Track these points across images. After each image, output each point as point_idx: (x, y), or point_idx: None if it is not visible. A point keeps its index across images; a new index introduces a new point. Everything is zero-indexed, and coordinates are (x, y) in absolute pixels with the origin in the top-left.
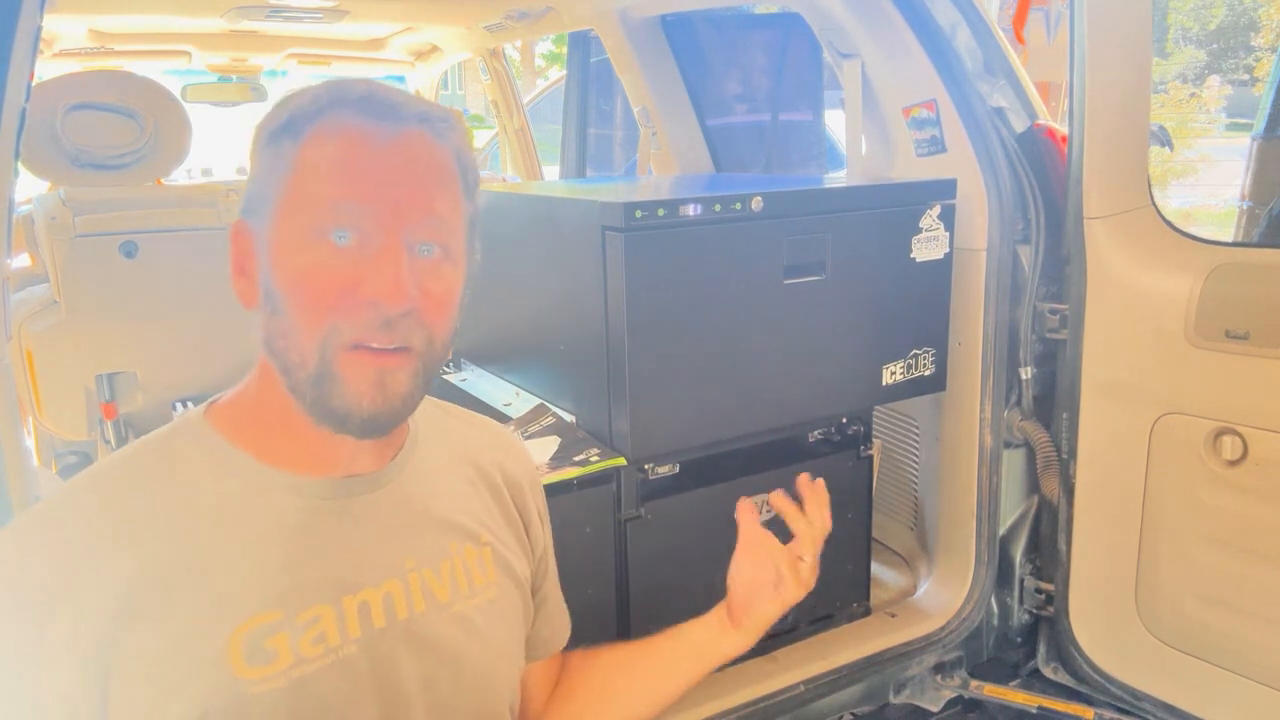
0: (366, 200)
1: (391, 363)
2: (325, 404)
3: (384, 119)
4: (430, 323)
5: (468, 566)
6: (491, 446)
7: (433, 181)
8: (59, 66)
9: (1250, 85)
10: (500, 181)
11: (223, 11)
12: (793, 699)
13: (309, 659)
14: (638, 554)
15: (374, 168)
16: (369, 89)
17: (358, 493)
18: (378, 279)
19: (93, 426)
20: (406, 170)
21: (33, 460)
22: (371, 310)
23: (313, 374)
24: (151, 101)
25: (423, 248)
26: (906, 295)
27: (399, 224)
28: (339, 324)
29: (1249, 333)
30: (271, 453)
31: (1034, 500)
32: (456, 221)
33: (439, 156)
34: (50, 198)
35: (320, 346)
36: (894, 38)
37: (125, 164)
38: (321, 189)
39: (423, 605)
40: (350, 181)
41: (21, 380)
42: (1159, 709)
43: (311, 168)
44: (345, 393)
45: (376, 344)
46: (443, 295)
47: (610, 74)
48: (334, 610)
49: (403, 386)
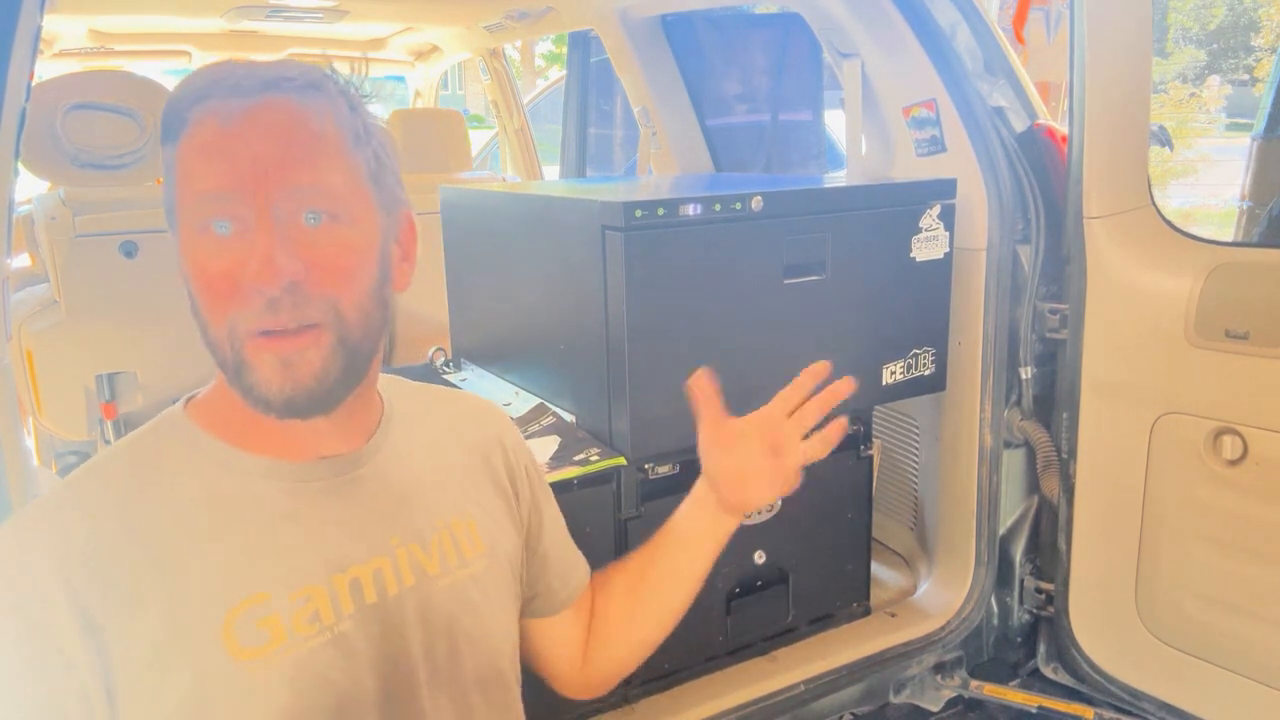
0: (231, 185)
1: (296, 344)
2: (248, 392)
3: (231, 96)
4: (330, 293)
5: (455, 538)
6: (472, 417)
7: (300, 147)
8: (59, 66)
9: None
10: (500, 181)
11: (223, 11)
12: (793, 699)
13: (304, 637)
14: None
15: (232, 149)
16: (217, 71)
17: (338, 473)
18: (249, 262)
19: (93, 426)
20: (265, 143)
21: (33, 460)
22: (254, 295)
23: (230, 366)
24: (151, 101)
25: (307, 216)
26: (906, 295)
27: (267, 200)
28: (234, 314)
29: (1249, 332)
30: (248, 441)
31: (1034, 500)
32: (346, 179)
33: (305, 119)
34: (50, 198)
35: (229, 338)
36: (894, 38)
37: (125, 164)
38: (196, 183)
39: (412, 579)
40: (215, 169)
41: (21, 380)
42: (1159, 709)
43: (187, 165)
44: (257, 380)
45: (270, 327)
46: (338, 261)
47: (610, 74)
48: (325, 589)
49: (313, 365)
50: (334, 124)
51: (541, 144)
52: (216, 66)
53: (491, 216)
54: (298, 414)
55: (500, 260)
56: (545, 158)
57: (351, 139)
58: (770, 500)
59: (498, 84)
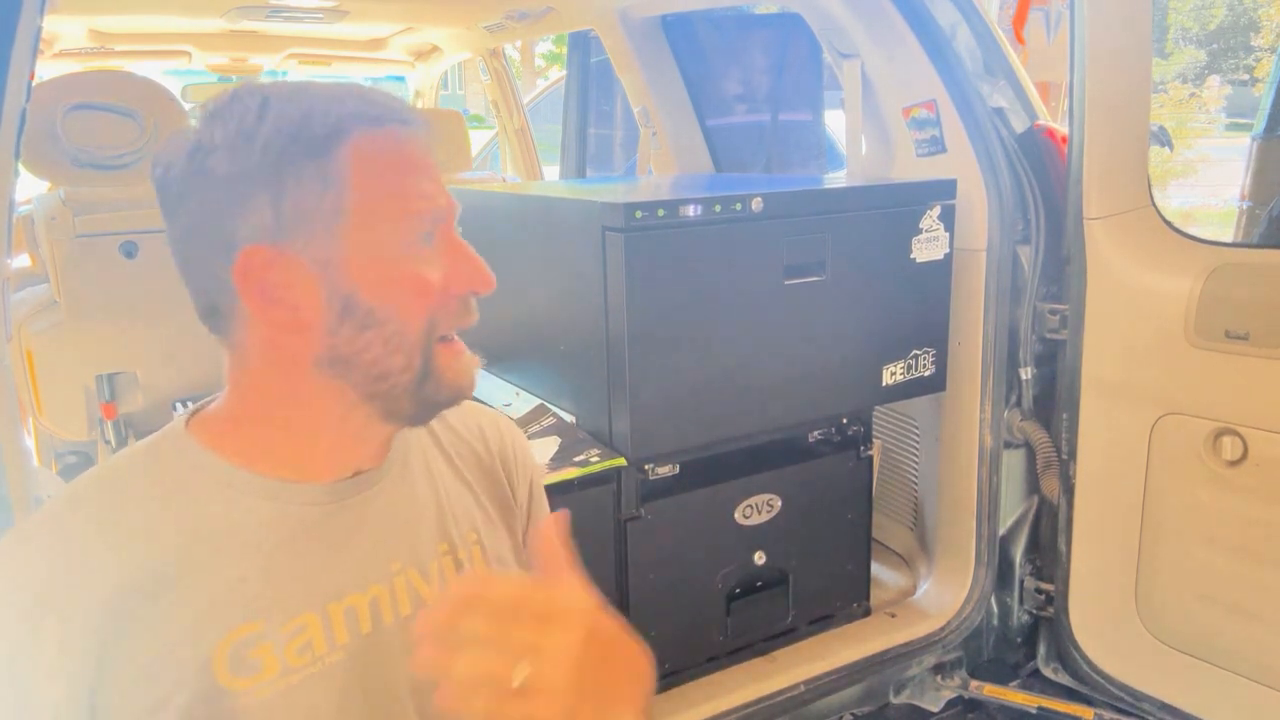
0: (432, 200)
1: (462, 344)
2: (429, 400)
3: (411, 121)
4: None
5: (458, 562)
6: (473, 425)
7: (440, 174)
8: (59, 66)
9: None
10: (500, 181)
11: (223, 11)
12: (793, 699)
13: (295, 669)
14: (638, 554)
15: (424, 170)
16: (380, 95)
17: (342, 496)
18: (469, 270)
19: (93, 426)
20: (436, 168)
21: (33, 460)
22: (462, 302)
23: (417, 374)
24: (151, 101)
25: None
26: (906, 296)
27: (453, 218)
28: (436, 318)
29: (1249, 333)
30: (257, 461)
31: (1034, 500)
32: None
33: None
34: (50, 198)
35: (422, 345)
36: (894, 38)
37: (125, 164)
38: (395, 196)
39: (409, 609)
40: (417, 185)
41: (21, 380)
42: (1159, 709)
43: (373, 177)
44: (447, 382)
45: (466, 325)
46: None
47: (610, 74)
48: (320, 618)
49: (474, 363)
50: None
51: (541, 144)
52: (360, 88)
53: (491, 217)
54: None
55: (500, 261)
56: (545, 158)
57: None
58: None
59: (498, 84)
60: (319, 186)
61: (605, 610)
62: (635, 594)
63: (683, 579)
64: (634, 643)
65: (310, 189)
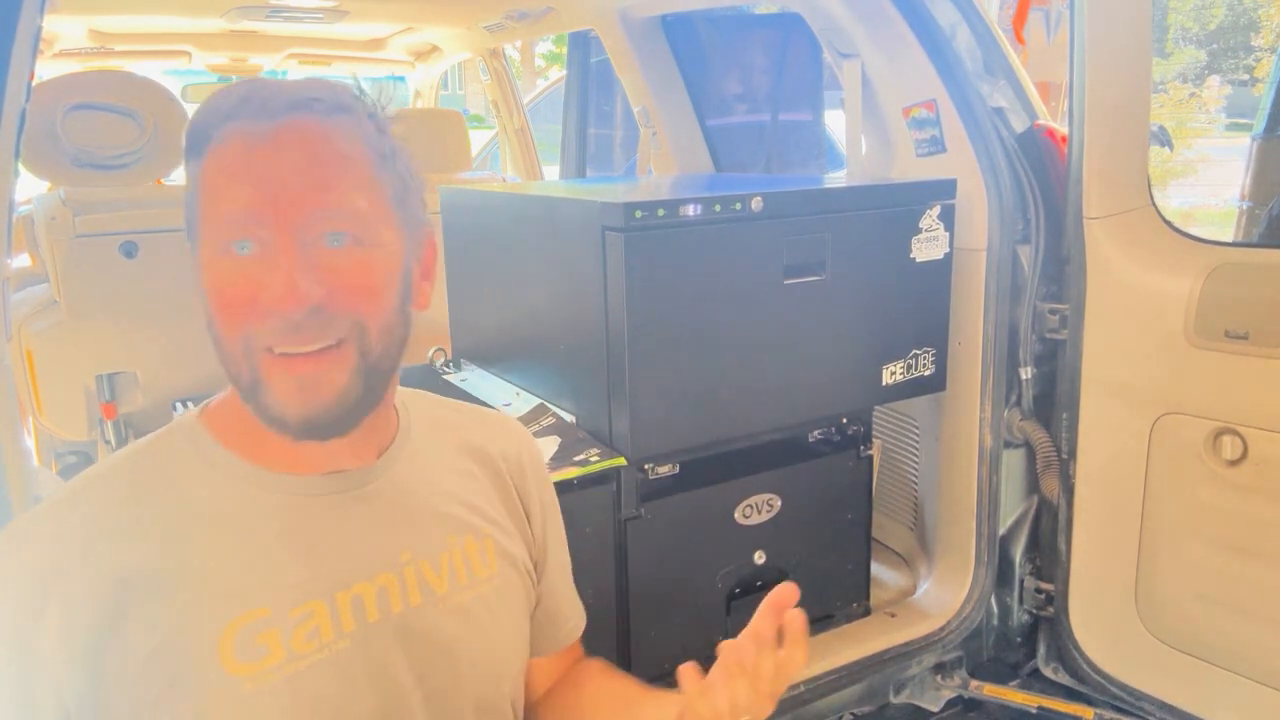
0: (255, 206)
1: (317, 365)
2: (263, 411)
3: (259, 117)
4: (356, 312)
5: (467, 557)
6: (494, 433)
7: (325, 168)
8: (59, 66)
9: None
10: (500, 181)
11: (223, 11)
12: (793, 699)
13: (302, 655)
14: (638, 554)
15: (257, 170)
16: (246, 90)
17: (348, 488)
18: (270, 285)
19: (93, 426)
20: (290, 163)
21: (33, 460)
22: (274, 318)
23: (246, 384)
24: (151, 101)
25: (330, 238)
26: (906, 295)
27: (291, 222)
28: (250, 330)
29: (1249, 333)
30: (260, 453)
31: (1034, 500)
32: (371, 201)
33: (331, 140)
34: (50, 198)
35: (245, 356)
36: (894, 38)
37: (125, 164)
38: (219, 203)
39: (418, 599)
40: (238, 190)
41: (21, 380)
42: (1159, 709)
43: (210, 183)
44: (273, 401)
45: (292, 349)
46: (361, 284)
47: (610, 74)
48: (327, 605)
49: (335, 385)
50: (361, 146)
51: (541, 144)
52: (246, 85)
53: (491, 217)
54: (315, 435)
55: (500, 261)
56: (545, 158)
57: (378, 160)
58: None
59: (498, 84)
60: (190, 191)
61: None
62: (635, 594)
63: (683, 579)
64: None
65: (188, 194)
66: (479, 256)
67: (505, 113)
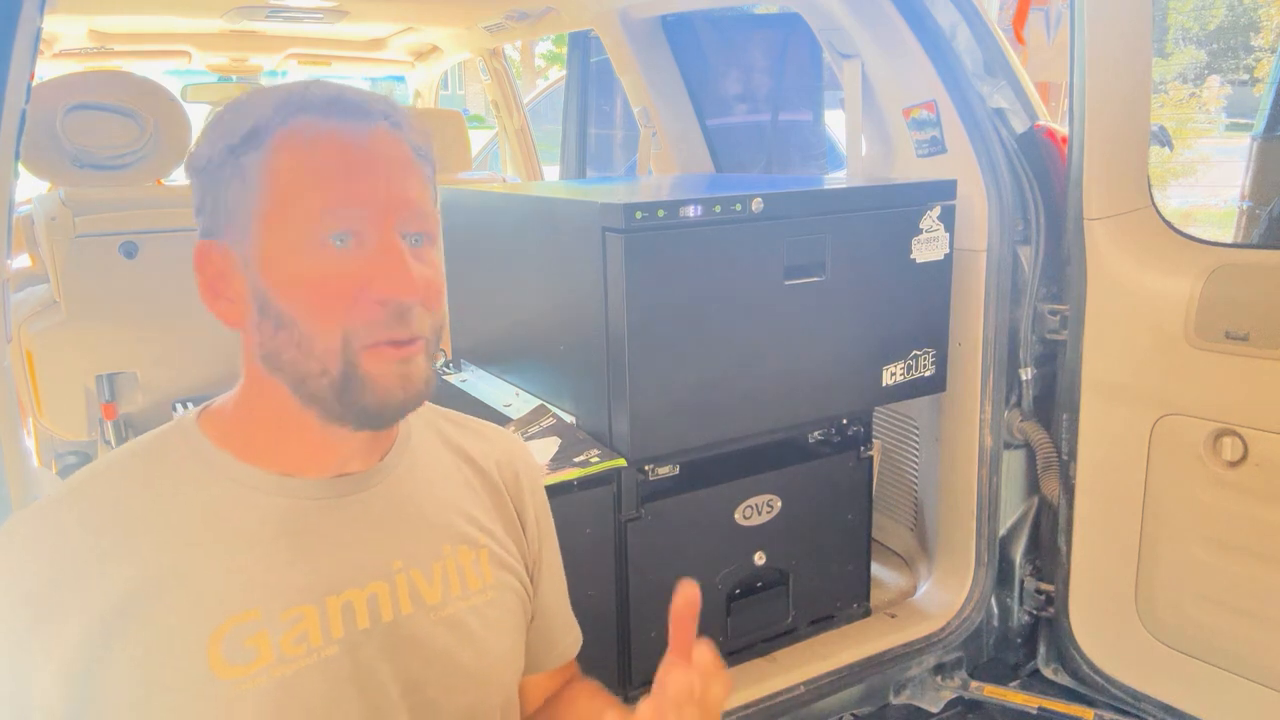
0: (357, 201)
1: (410, 351)
2: (356, 404)
3: (352, 118)
4: (434, 309)
5: (461, 568)
6: (491, 445)
7: (406, 173)
8: (59, 66)
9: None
10: (500, 181)
11: (223, 11)
12: (793, 700)
13: (290, 659)
14: (638, 554)
15: (355, 167)
16: (337, 91)
17: (345, 493)
18: (387, 277)
19: (93, 426)
20: (384, 166)
21: (33, 460)
22: (384, 308)
23: (337, 379)
24: (151, 101)
25: (413, 238)
26: (906, 296)
27: (390, 219)
28: (356, 326)
29: (1249, 333)
30: (260, 456)
31: (1034, 501)
32: (432, 208)
33: (405, 148)
34: (50, 198)
35: (342, 350)
36: (894, 38)
37: (125, 164)
38: (309, 195)
39: (409, 608)
40: (337, 184)
41: (21, 380)
42: (1159, 710)
43: (290, 176)
44: (375, 389)
45: (399, 337)
46: (438, 281)
47: (610, 74)
48: (317, 610)
49: (423, 371)
50: (418, 156)
51: (541, 144)
52: (319, 85)
53: (491, 217)
54: (388, 424)
55: (500, 261)
56: (545, 158)
57: (429, 169)
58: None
59: (498, 84)
60: (240, 186)
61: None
62: (635, 594)
63: (683, 579)
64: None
65: (235, 188)
66: (479, 257)
67: (505, 113)
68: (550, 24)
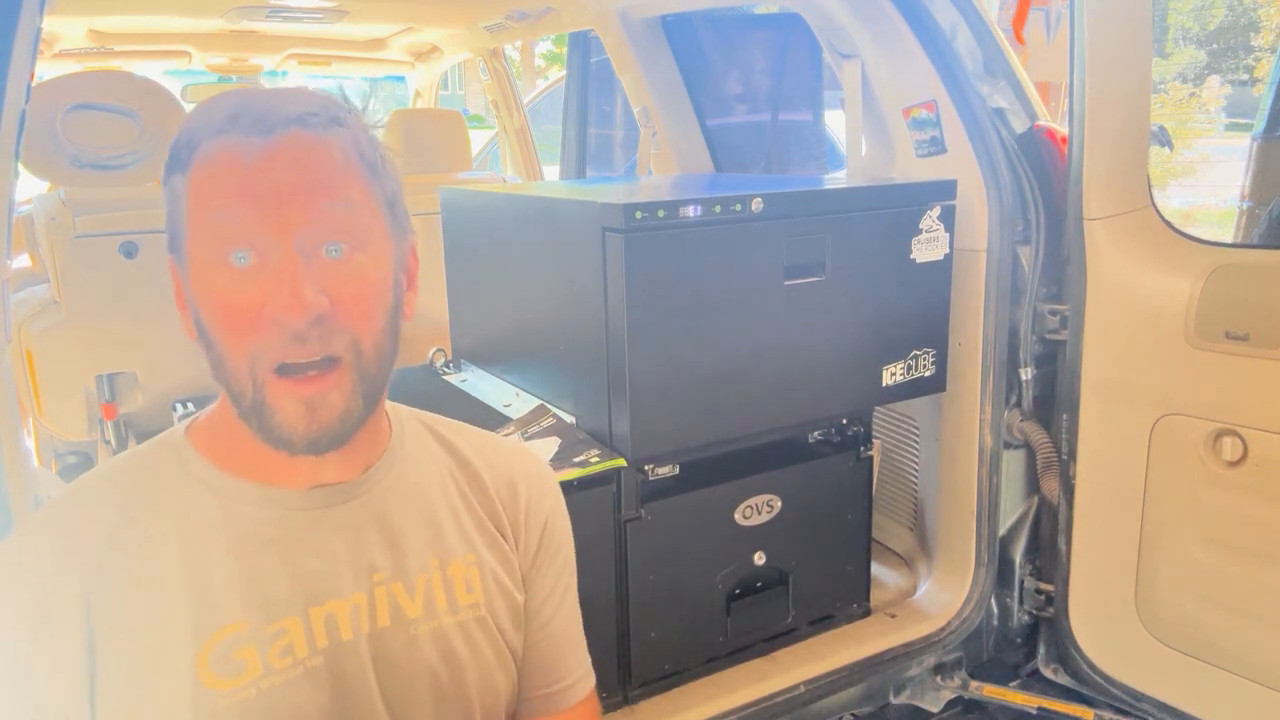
0: (253, 217)
1: (320, 386)
2: (268, 431)
3: (253, 131)
4: (351, 326)
5: (448, 582)
6: (489, 455)
7: (322, 179)
8: (59, 66)
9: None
10: (500, 181)
11: (223, 11)
12: (793, 700)
13: (277, 670)
14: (638, 554)
15: (254, 182)
16: (237, 103)
17: (329, 503)
18: (275, 295)
19: (93, 426)
20: (288, 176)
21: (33, 460)
22: (278, 328)
23: (250, 403)
24: (151, 101)
25: (328, 249)
26: (906, 296)
27: (290, 233)
28: (256, 348)
29: (1249, 333)
30: (243, 467)
31: (1034, 501)
32: (367, 211)
33: (325, 151)
34: (50, 198)
35: (250, 375)
36: (894, 38)
37: (125, 164)
38: (212, 215)
39: (387, 621)
40: (234, 201)
41: (21, 380)
42: (1159, 710)
43: (201, 196)
44: (279, 421)
45: (296, 359)
46: (359, 294)
47: (610, 74)
48: (301, 622)
49: (337, 406)
50: (354, 157)
51: (541, 144)
52: (234, 98)
53: (491, 217)
54: (316, 451)
55: (500, 261)
56: (545, 158)
57: (369, 172)
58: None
59: (498, 84)
60: (173, 206)
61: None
62: (635, 594)
63: (683, 579)
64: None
65: (171, 208)
66: (479, 257)
67: (505, 113)
68: (550, 24)
